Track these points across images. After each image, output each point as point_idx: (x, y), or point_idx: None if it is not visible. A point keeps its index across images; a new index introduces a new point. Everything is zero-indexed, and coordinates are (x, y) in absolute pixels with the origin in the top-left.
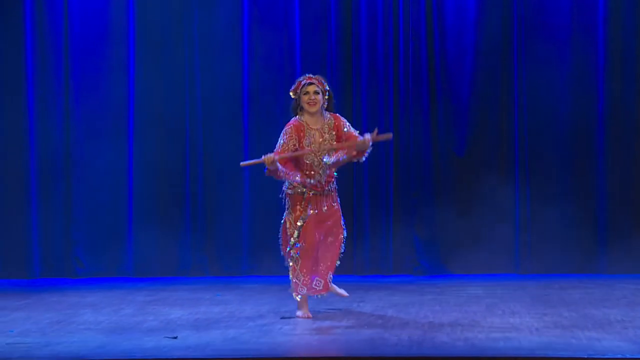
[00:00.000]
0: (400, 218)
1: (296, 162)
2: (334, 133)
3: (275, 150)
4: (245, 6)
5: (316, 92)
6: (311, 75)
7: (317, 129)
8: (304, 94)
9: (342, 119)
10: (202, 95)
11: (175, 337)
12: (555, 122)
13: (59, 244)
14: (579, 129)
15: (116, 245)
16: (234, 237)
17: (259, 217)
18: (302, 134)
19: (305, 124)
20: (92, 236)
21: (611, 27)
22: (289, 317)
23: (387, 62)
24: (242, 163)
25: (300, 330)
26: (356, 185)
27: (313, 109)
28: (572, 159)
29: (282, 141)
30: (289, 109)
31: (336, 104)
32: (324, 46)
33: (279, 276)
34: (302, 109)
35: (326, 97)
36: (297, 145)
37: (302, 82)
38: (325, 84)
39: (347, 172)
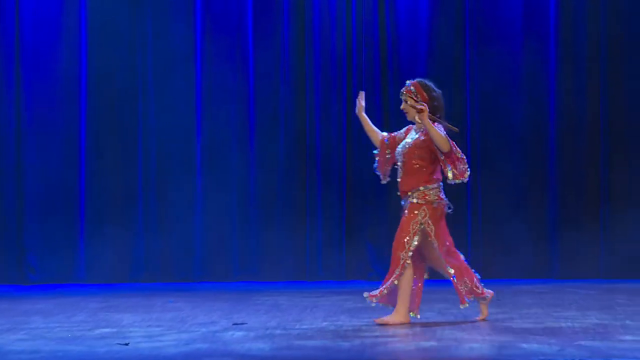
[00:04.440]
0: (354, 223)
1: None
2: (422, 138)
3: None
4: (198, 16)
5: (405, 101)
6: (407, 83)
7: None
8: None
9: (437, 125)
10: (156, 102)
11: (127, 344)
12: (508, 130)
13: (10, 250)
14: (532, 135)
15: (68, 252)
16: (186, 243)
17: (211, 223)
18: (405, 136)
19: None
20: (43, 242)
21: (562, 33)
22: (242, 323)
23: (341, 68)
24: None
25: (252, 336)
26: (309, 190)
27: (408, 118)
28: (524, 165)
29: None
30: (241, 110)
31: (289, 110)
32: (277, 54)
33: (232, 282)
34: None
35: (420, 105)
36: (389, 154)
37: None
38: (416, 89)
39: (300, 177)
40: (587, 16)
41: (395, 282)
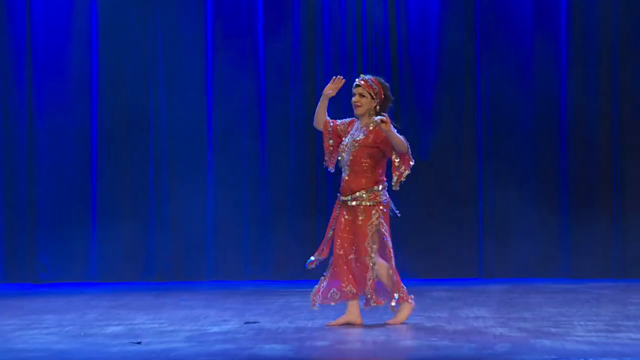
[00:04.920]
0: None
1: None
2: (371, 137)
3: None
4: (209, 14)
5: (361, 95)
6: (364, 77)
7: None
8: (353, 94)
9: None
10: (167, 103)
11: (139, 343)
12: (519, 127)
13: (21, 249)
14: (543, 133)
15: (80, 250)
16: (198, 241)
17: (223, 222)
18: (349, 130)
19: (357, 123)
20: (55, 241)
21: (573, 32)
22: (253, 322)
23: (351, 66)
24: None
25: (264, 335)
26: (320, 190)
27: (356, 112)
28: (536, 164)
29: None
30: (251, 107)
31: (299, 109)
32: (287, 52)
33: (244, 281)
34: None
35: (377, 101)
36: (331, 139)
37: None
38: (377, 87)
39: (311, 179)
40: (597, 12)
41: (375, 280)
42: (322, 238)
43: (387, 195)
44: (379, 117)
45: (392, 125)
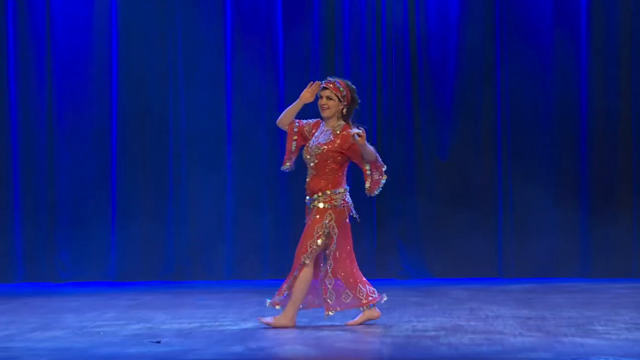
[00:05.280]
0: (384, 222)
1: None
2: (337, 142)
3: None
4: (228, 12)
5: (329, 98)
6: (331, 79)
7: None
8: (319, 97)
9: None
10: (186, 100)
11: (159, 342)
12: (540, 127)
13: (41, 248)
14: (563, 131)
15: (99, 250)
16: (217, 241)
17: (242, 221)
18: (314, 132)
19: (322, 125)
20: (75, 240)
21: (594, 29)
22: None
23: (370, 66)
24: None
25: (283, 334)
26: None
27: (324, 114)
28: (556, 163)
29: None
30: (272, 110)
31: (315, 108)
32: (307, 50)
33: (263, 280)
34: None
35: (344, 104)
36: (295, 140)
37: (321, 84)
38: (345, 90)
39: None
40: (618, 11)
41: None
42: None
43: (347, 200)
44: (355, 130)
45: (346, 118)
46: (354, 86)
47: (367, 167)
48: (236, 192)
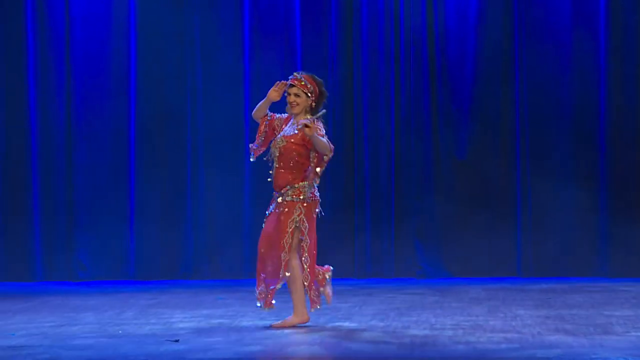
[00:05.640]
0: (402, 221)
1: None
2: (300, 134)
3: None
4: (246, 11)
5: (297, 95)
6: (297, 75)
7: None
8: (287, 94)
9: (317, 124)
10: (204, 99)
11: (177, 341)
12: (558, 126)
13: (60, 247)
14: (582, 132)
15: (118, 249)
16: (235, 239)
17: (260, 221)
18: (283, 126)
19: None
20: (93, 239)
21: (612, 29)
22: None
23: (388, 66)
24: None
25: (301, 333)
26: (357, 188)
27: (293, 111)
28: (574, 163)
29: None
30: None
31: (337, 108)
32: (324, 51)
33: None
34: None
35: (312, 98)
36: (265, 132)
37: (287, 83)
38: (311, 85)
39: (348, 176)
40: (637, 8)
41: (284, 283)
42: (359, 234)
43: (315, 193)
44: (303, 121)
45: (321, 129)
46: (320, 79)
47: (314, 154)
48: (254, 191)
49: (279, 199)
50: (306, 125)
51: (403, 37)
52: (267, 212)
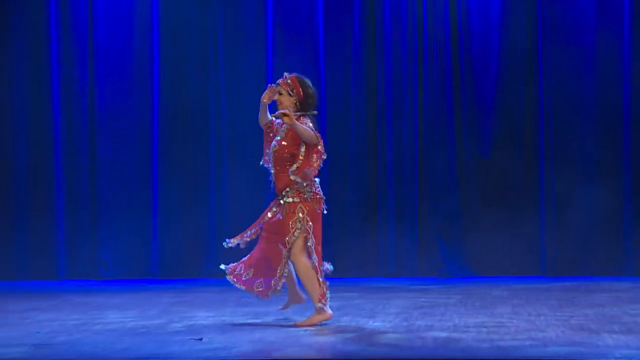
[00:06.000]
0: (425, 221)
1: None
2: (289, 134)
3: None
4: (269, 9)
5: (280, 93)
6: (285, 75)
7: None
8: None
9: (304, 120)
10: (227, 96)
11: (201, 339)
12: (582, 124)
13: (83, 245)
14: (606, 130)
15: (141, 247)
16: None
17: None
18: (280, 129)
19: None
20: (116, 237)
21: (637, 26)
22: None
23: (411, 64)
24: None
25: (326, 332)
26: (380, 187)
27: (279, 109)
28: (599, 161)
29: None
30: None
31: (360, 106)
32: (347, 49)
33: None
34: None
35: (295, 97)
36: (269, 140)
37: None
38: (293, 82)
39: (372, 175)
40: None
41: (284, 280)
42: (382, 233)
43: (317, 192)
44: (280, 111)
45: (308, 123)
46: (306, 80)
47: (302, 150)
48: None
49: (281, 201)
50: (285, 114)
51: (426, 35)
52: (268, 214)
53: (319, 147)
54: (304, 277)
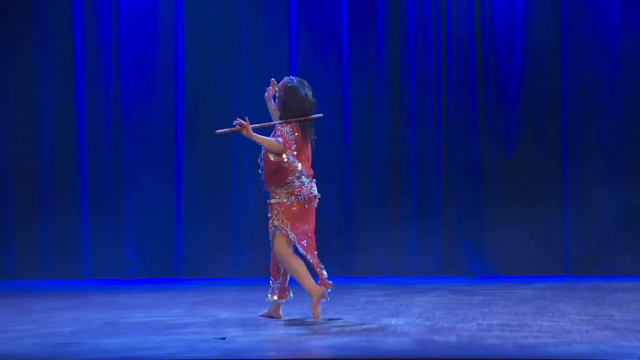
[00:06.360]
0: (449, 220)
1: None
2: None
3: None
4: (293, 9)
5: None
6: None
7: None
8: None
9: (280, 127)
10: (250, 96)
11: (224, 339)
12: (606, 122)
13: (107, 244)
14: (630, 128)
15: (165, 246)
16: None
17: None
18: None
19: None
20: (140, 237)
21: None
22: (337, 319)
23: (435, 63)
24: (217, 131)
25: (348, 330)
26: (403, 187)
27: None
28: (622, 160)
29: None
30: (335, 107)
31: (383, 105)
32: (371, 48)
33: (327, 278)
34: None
35: (279, 102)
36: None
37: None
38: (279, 88)
39: (395, 174)
40: None
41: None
42: (405, 232)
43: (297, 192)
44: (236, 120)
45: (283, 131)
46: (292, 84)
47: (271, 159)
48: None
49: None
50: (242, 126)
51: (450, 34)
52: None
53: (284, 157)
54: (290, 273)
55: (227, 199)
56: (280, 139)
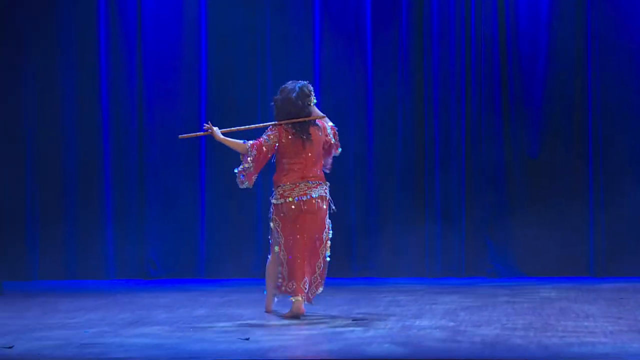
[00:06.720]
0: (474, 220)
1: None
2: None
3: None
4: (317, 11)
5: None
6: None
7: None
8: None
9: (268, 131)
10: (274, 93)
11: (248, 339)
12: (631, 125)
13: (131, 245)
14: None
15: (188, 247)
16: None
17: (330, 219)
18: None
19: None
20: (164, 238)
21: None
22: (361, 319)
23: (459, 64)
24: (180, 136)
25: (373, 332)
26: (428, 187)
27: None
28: None
29: None
30: (359, 108)
31: (407, 107)
32: (395, 49)
33: (351, 278)
34: None
35: (275, 105)
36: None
37: None
38: (278, 94)
39: (419, 176)
40: None
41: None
42: (429, 233)
43: (285, 195)
44: (206, 125)
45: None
46: (288, 87)
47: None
48: None
49: None
50: (210, 130)
51: (474, 36)
52: None
53: (248, 158)
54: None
55: (250, 200)
56: (252, 141)
